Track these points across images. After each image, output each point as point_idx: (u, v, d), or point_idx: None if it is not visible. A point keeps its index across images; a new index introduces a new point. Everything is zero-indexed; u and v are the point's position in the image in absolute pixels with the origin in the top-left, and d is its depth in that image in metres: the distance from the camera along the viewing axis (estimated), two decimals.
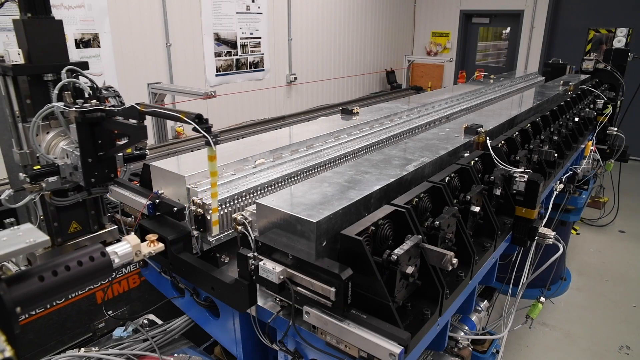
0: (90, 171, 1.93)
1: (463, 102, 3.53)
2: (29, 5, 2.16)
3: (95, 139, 1.91)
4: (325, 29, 8.84)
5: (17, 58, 2.14)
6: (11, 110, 2.19)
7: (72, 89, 2.02)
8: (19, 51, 2.15)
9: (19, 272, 1.00)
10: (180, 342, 1.90)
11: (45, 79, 2.19)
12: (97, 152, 1.92)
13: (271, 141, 2.05)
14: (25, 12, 2.19)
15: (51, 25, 2.23)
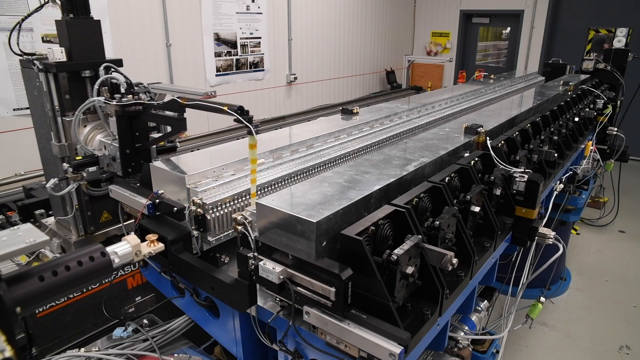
0: (127, 161, 2.05)
1: (463, 102, 3.53)
2: (71, 6, 2.33)
3: (132, 132, 2.04)
4: (325, 29, 8.84)
5: (60, 56, 2.31)
6: (51, 105, 2.33)
7: (108, 84, 2.14)
8: (61, 49, 2.32)
9: (19, 272, 1.00)
10: (180, 342, 1.90)
11: (83, 75, 2.36)
12: (135, 144, 2.05)
13: (271, 141, 2.05)
14: (67, 13, 2.35)
15: (90, 25, 2.43)
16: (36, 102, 2.46)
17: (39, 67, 2.29)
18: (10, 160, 4.91)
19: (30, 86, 2.46)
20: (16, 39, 2.38)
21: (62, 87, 2.30)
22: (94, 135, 2.28)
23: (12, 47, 2.39)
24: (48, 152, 2.49)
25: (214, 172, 1.66)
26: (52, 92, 2.31)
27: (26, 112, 4.99)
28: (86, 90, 2.38)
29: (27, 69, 2.42)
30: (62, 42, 2.36)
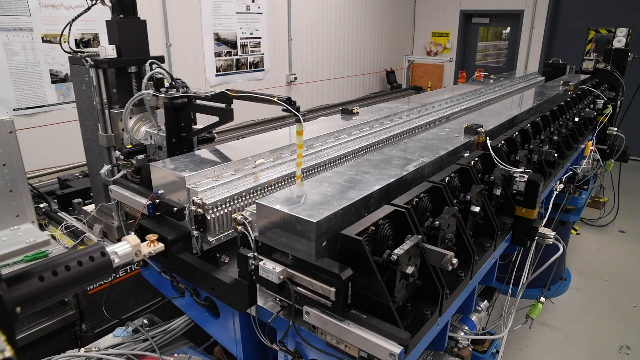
0: (173, 150, 2.20)
1: (463, 102, 3.53)
2: (122, 7, 2.55)
3: (178, 122, 2.18)
4: (325, 29, 8.84)
5: (112, 53, 2.50)
6: (100, 98, 2.53)
7: (154, 79, 2.34)
8: (112, 47, 2.52)
9: (19, 272, 1.00)
10: (180, 342, 1.90)
11: (129, 71, 2.56)
12: (180, 134, 2.20)
13: (271, 141, 2.05)
14: (117, 14, 2.56)
15: (138, 24, 2.61)
16: (83, 96, 2.64)
17: (90, 63, 2.47)
18: None
19: (78, 81, 2.62)
20: (67, 38, 2.56)
21: (110, 82, 2.52)
22: (140, 126, 2.46)
23: (62, 46, 2.57)
24: (93, 143, 2.70)
25: (214, 172, 1.66)
26: (101, 87, 2.51)
27: (26, 112, 4.99)
28: (131, 85, 2.59)
29: (76, 65, 2.59)
30: (112, 40, 2.57)
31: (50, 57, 5.09)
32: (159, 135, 2.26)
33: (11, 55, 4.77)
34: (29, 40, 4.87)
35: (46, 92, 5.12)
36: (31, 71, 4.95)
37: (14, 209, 2.04)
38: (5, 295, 0.90)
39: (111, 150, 2.60)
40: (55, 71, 5.16)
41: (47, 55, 5.05)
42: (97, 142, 2.63)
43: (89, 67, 2.48)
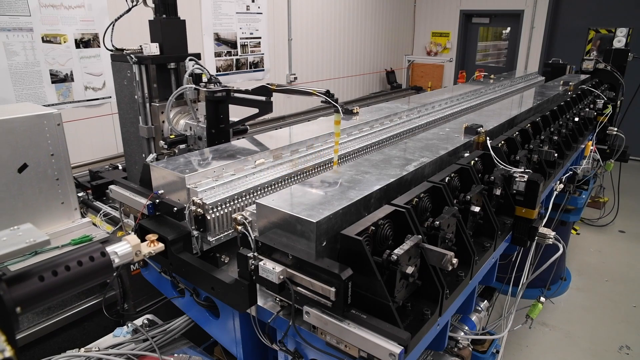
0: (212, 140, 2.41)
1: (463, 102, 3.53)
2: (165, 8, 2.76)
3: (218, 114, 2.38)
4: (325, 28, 8.84)
5: (155, 50, 2.71)
6: (142, 92, 2.72)
7: (193, 75, 2.52)
8: (156, 45, 2.73)
9: (19, 272, 1.00)
10: (180, 342, 1.90)
11: (168, 67, 2.76)
12: (219, 125, 2.40)
13: (271, 141, 2.05)
14: (160, 14, 2.76)
15: (178, 24, 2.82)
16: (124, 91, 2.84)
17: (134, 60, 2.67)
18: None
19: (119, 77, 2.83)
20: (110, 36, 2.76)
21: (151, 77, 2.71)
22: (179, 118, 2.69)
23: (106, 44, 2.75)
24: (131, 135, 2.91)
25: (214, 172, 1.66)
26: (143, 82, 2.70)
27: None
28: (170, 80, 2.80)
29: (118, 62, 2.81)
30: (155, 38, 2.77)
31: (50, 57, 5.09)
32: (199, 126, 2.49)
33: (11, 55, 4.77)
34: (29, 40, 4.87)
35: (46, 92, 5.13)
36: (31, 71, 4.95)
37: (59, 197, 2.21)
38: (5, 295, 0.90)
39: (150, 141, 2.79)
40: (55, 71, 5.16)
41: (47, 55, 5.05)
42: (135, 134, 2.83)
43: (132, 63, 2.67)
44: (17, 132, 2.24)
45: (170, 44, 2.76)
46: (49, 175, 2.34)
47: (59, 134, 2.36)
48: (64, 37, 5.16)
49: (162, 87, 2.74)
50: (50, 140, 2.34)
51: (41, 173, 2.32)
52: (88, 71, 5.47)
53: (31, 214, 2.31)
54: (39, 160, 2.32)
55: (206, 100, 2.35)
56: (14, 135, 2.23)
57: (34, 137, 2.29)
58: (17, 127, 2.23)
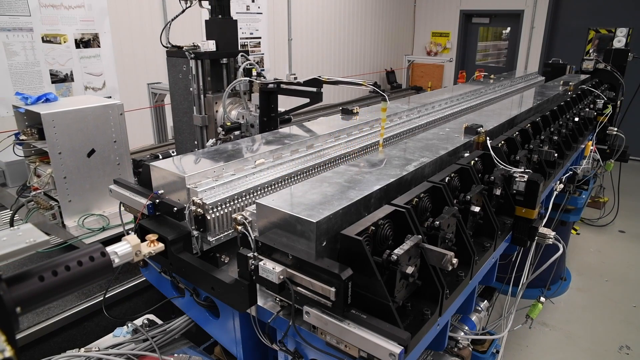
0: (263, 127, 2.70)
1: (463, 102, 3.53)
2: (221, 9, 3.09)
3: (269, 104, 2.68)
4: (325, 28, 8.84)
5: (212, 47, 3.02)
6: (198, 85, 3.04)
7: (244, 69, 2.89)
8: (212, 42, 3.03)
9: (19, 272, 1.00)
10: (180, 342, 1.90)
11: (221, 62, 3.09)
12: (270, 113, 2.69)
13: (271, 141, 2.05)
14: (216, 15, 3.10)
15: (231, 23, 3.16)
16: (179, 84, 3.16)
17: (192, 55, 2.97)
18: None
19: (175, 71, 3.16)
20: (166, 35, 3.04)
21: (206, 71, 3.02)
22: (231, 109, 3.02)
23: (162, 41, 3.05)
24: (183, 124, 3.24)
25: (214, 172, 1.66)
26: (199, 75, 3.01)
27: None
28: (222, 74, 3.14)
29: (173, 57, 3.12)
30: (210, 36, 3.08)
31: (50, 57, 5.09)
32: (251, 115, 2.82)
33: (11, 55, 4.77)
34: (29, 40, 4.87)
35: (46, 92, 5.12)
36: (31, 71, 4.95)
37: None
38: (5, 295, 0.90)
39: (204, 129, 3.11)
40: (55, 71, 5.16)
41: (47, 55, 5.05)
42: (188, 123, 3.17)
43: (190, 59, 2.97)
44: (87, 120, 2.52)
45: (224, 41, 3.08)
46: (112, 160, 2.66)
47: (121, 123, 2.65)
48: (64, 37, 5.17)
49: (215, 80, 3.08)
50: (113, 128, 2.65)
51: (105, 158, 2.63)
52: (88, 71, 5.47)
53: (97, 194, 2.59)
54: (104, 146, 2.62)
55: (260, 92, 2.63)
56: (85, 123, 2.51)
57: (101, 125, 2.58)
58: (87, 116, 2.52)
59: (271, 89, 2.60)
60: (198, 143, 3.18)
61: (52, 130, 2.44)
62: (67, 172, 2.52)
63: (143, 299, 2.73)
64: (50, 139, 2.45)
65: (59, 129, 2.45)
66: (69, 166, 2.52)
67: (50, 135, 2.44)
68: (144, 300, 2.73)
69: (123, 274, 2.73)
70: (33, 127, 2.66)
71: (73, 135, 2.50)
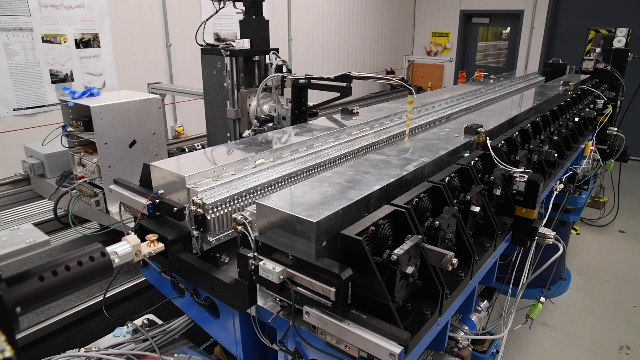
0: (295, 119, 2.88)
1: (463, 102, 3.53)
2: (255, 10, 3.36)
3: (300, 98, 2.86)
4: (325, 28, 8.84)
5: (247, 45, 3.28)
6: (232, 81, 3.30)
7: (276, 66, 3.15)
8: (247, 40, 3.29)
9: (19, 272, 1.00)
10: (180, 342, 1.90)
11: (253, 59, 3.36)
12: (301, 107, 2.87)
13: (271, 141, 2.05)
14: (250, 15, 3.36)
15: (264, 23, 3.44)
16: (212, 79, 3.43)
17: (227, 53, 3.23)
18: (11, 160, 4.91)
19: (209, 68, 3.42)
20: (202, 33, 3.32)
21: (240, 68, 3.28)
22: (262, 103, 3.23)
23: (197, 40, 3.36)
24: (216, 117, 3.50)
25: (214, 172, 1.66)
26: (233, 72, 3.27)
27: (26, 112, 5.00)
28: (254, 70, 3.40)
29: (208, 55, 3.40)
30: (244, 35, 3.35)
31: (50, 57, 5.09)
32: (284, 108, 3.00)
33: (11, 55, 4.77)
34: (29, 40, 4.88)
35: (46, 92, 5.13)
36: (31, 71, 4.96)
37: None
38: (5, 295, 0.90)
39: (236, 122, 3.37)
40: (55, 71, 5.16)
41: (47, 55, 5.05)
42: (221, 117, 3.43)
43: (225, 56, 3.23)
44: (130, 113, 2.70)
45: (257, 40, 3.34)
46: (151, 150, 2.83)
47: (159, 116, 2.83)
48: (64, 37, 5.17)
49: (247, 76, 3.34)
50: (152, 121, 2.82)
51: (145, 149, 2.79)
52: (88, 71, 5.47)
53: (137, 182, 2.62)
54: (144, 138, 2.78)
55: (292, 86, 2.82)
56: (128, 116, 2.69)
57: (141, 118, 2.75)
58: (130, 109, 2.69)
59: (303, 84, 2.78)
60: (231, 135, 3.42)
61: (99, 122, 2.60)
62: (112, 161, 2.70)
63: (143, 299, 2.74)
64: (98, 130, 2.62)
65: (105, 120, 2.62)
66: (113, 156, 2.70)
67: (98, 126, 2.61)
68: (144, 300, 2.73)
69: (123, 274, 2.74)
70: (78, 120, 2.82)
71: (117, 127, 2.67)
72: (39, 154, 3.27)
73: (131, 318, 1.97)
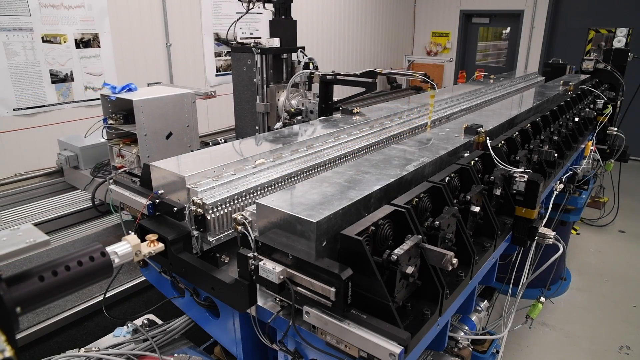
0: (322, 112, 3.11)
1: (463, 102, 3.52)
2: (284, 10, 3.65)
3: (327, 93, 3.11)
4: (325, 28, 8.84)
5: (277, 44, 3.57)
6: (262, 77, 3.56)
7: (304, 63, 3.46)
8: (277, 39, 3.58)
9: (19, 272, 1.00)
10: (180, 342, 1.90)
11: (281, 57, 3.63)
12: (328, 101, 3.12)
13: (271, 141, 2.05)
14: (280, 15, 3.65)
15: (292, 23, 3.71)
16: (242, 75, 3.69)
17: (257, 50, 3.48)
18: (11, 160, 4.91)
19: (239, 65, 3.69)
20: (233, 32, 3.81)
21: (269, 65, 3.55)
22: (290, 98, 3.48)
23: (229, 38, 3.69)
24: (244, 111, 3.80)
25: (214, 172, 1.66)
26: (263, 68, 3.52)
27: (26, 112, 4.99)
28: (282, 67, 3.67)
29: (238, 52, 3.65)
30: (274, 34, 3.61)
31: (50, 57, 5.09)
32: (311, 102, 3.26)
33: (11, 55, 4.77)
34: (29, 40, 4.88)
35: (46, 92, 5.13)
36: (31, 71, 4.95)
37: None
38: (5, 295, 0.90)
39: (265, 116, 3.63)
40: (55, 71, 5.16)
41: (47, 55, 5.05)
42: (250, 111, 3.71)
43: (256, 54, 3.48)
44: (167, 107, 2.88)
45: (286, 39, 3.59)
46: (184, 142, 3.00)
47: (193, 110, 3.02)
48: (64, 37, 5.17)
49: (276, 73, 3.59)
50: (187, 114, 3.00)
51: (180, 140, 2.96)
52: (88, 71, 5.47)
53: None
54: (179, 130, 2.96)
55: (320, 82, 3.04)
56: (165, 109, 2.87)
57: (177, 112, 2.94)
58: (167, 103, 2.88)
59: (330, 80, 2.99)
60: (259, 127, 3.72)
61: (140, 115, 2.78)
62: (151, 152, 2.88)
63: (143, 299, 2.73)
64: (139, 122, 2.80)
65: (146, 114, 2.80)
66: (152, 147, 2.88)
67: (140, 119, 2.79)
68: (144, 300, 2.73)
69: (123, 274, 2.74)
70: (118, 113, 3.01)
71: (156, 120, 2.85)
72: (74, 146, 3.41)
73: (131, 318, 1.97)
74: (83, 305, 2.53)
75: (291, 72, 3.77)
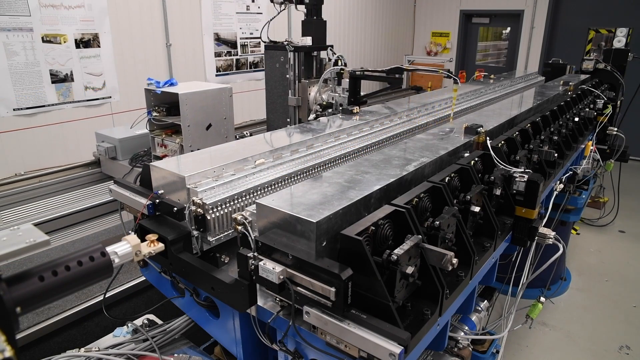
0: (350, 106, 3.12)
1: (463, 102, 3.53)
2: (315, 11, 3.92)
3: (356, 87, 3.32)
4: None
5: (309, 42, 3.84)
6: (294, 73, 3.81)
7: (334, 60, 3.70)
8: (309, 38, 3.85)
9: (19, 272, 1.00)
10: (180, 342, 1.90)
11: (312, 54, 3.89)
12: (356, 95, 3.33)
13: (271, 141, 2.05)
14: (311, 16, 3.92)
15: (322, 23, 3.99)
16: (274, 72, 3.92)
17: (291, 48, 3.72)
18: (10, 161, 4.91)
19: (272, 61, 3.91)
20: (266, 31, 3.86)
21: (301, 62, 3.79)
22: (322, 92, 3.72)
23: (262, 36, 3.94)
24: (276, 105, 4.02)
25: (214, 172, 1.66)
26: (295, 65, 3.77)
27: (26, 112, 4.99)
28: (312, 64, 3.93)
29: (271, 50, 3.88)
30: (306, 33, 3.88)
31: (50, 57, 5.09)
32: (341, 96, 3.47)
33: (11, 55, 4.77)
34: (29, 40, 4.87)
35: (46, 92, 5.12)
36: (31, 71, 4.95)
37: None
38: (5, 295, 0.90)
39: (296, 109, 3.87)
40: (55, 71, 5.16)
41: (47, 55, 5.05)
42: (282, 104, 3.94)
43: (289, 51, 3.73)
44: (207, 100, 3.11)
45: (317, 38, 3.85)
46: (222, 133, 3.23)
47: (230, 104, 3.25)
48: (64, 37, 5.16)
49: (307, 69, 3.85)
50: (224, 107, 3.22)
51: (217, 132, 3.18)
52: (88, 71, 5.46)
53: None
54: (218, 122, 3.18)
55: (350, 78, 3.25)
56: (206, 102, 3.10)
57: (216, 105, 3.15)
58: (208, 97, 3.11)
59: (358, 75, 3.17)
60: (291, 120, 3.95)
61: (185, 107, 3.00)
62: (193, 142, 3.09)
63: (143, 299, 2.74)
64: (183, 114, 3.01)
65: (189, 106, 3.02)
66: (194, 137, 3.09)
67: (184, 111, 3.00)
68: (144, 300, 2.73)
69: (123, 274, 2.74)
70: (160, 106, 3.23)
71: (198, 112, 3.07)
72: (113, 138, 3.54)
73: (131, 318, 1.97)
74: (83, 305, 2.53)
75: (320, 68, 4.00)
